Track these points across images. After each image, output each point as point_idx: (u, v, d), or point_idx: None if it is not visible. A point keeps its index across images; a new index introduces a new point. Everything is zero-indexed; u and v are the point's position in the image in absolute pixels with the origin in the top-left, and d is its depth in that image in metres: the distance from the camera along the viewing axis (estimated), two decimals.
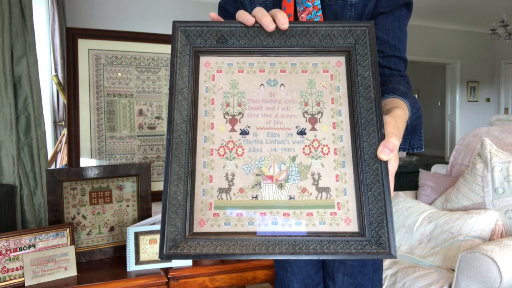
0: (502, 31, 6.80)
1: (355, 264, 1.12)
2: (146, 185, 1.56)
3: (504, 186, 1.80)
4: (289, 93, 0.70)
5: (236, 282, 1.46)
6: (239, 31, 0.69)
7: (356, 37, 0.70)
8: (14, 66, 1.68)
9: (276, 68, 0.71)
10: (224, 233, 0.61)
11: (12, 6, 1.65)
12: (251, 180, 0.65)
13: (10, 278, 1.27)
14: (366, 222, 0.62)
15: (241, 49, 0.70)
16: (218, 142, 0.66)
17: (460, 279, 1.48)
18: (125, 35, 1.98)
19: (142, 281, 1.33)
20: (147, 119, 1.95)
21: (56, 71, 3.40)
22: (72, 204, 1.46)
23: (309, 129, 0.68)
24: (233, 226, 0.62)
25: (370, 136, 0.66)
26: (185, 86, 0.67)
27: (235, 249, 0.60)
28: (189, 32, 0.69)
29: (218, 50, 0.70)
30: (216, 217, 0.62)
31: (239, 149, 0.66)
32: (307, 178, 0.66)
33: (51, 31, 3.45)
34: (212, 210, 0.62)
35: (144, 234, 1.39)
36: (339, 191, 0.65)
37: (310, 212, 0.64)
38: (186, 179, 0.62)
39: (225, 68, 0.70)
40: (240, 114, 0.68)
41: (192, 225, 0.61)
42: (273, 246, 0.60)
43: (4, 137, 1.63)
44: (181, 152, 0.63)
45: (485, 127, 2.33)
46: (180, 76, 0.67)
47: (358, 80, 0.69)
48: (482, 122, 8.27)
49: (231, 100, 0.69)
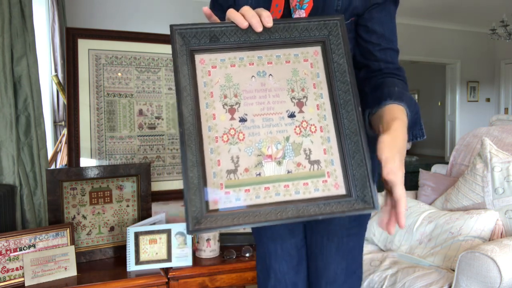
0: (502, 31, 6.80)
1: (338, 271, 1.09)
2: (146, 185, 1.56)
3: (504, 186, 1.80)
4: (277, 82, 0.80)
5: (236, 282, 1.46)
6: (229, 30, 0.78)
7: (330, 29, 0.82)
8: (14, 66, 1.68)
9: (263, 61, 0.81)
10: (237, 207, 0.71)
11: (12, 6, 1.65)
12: (253, 160, 0.75)
13: (10, 278, 1.27)
14: (352, 185, 0.75)
15: (231, 46, 0.79)
16: (221, 130, 0.75)
17: (460, 279, 1.48)
18: (125, 35, 1.98)
19: (142, 281, 1.33)
20: (147, 119, 1.95)
21: (56, 71, 3.39)
22: (72, 204, 1.46)
23: (298, 112, 0.80)
24: (243, 201, 0.72)
25: (349, 114, 0.78)
26: (187, 83, 0.74)
27: (249, 219, 0.70)
28: (184, 33, 0.76)
29: (210, 48, 0.78)
30: (228, 195, 0.72)
31: (240, 135, 0.76)
32: (300, 154, 0.77)
33: (51, 31, 3.45)
34: (224, 189, 0.72)
35: (144, 234, 1.39)
36: (327, 162, 0.78)
37: (305, 182, 0.76)
38: (198, 164, 0.71)
39: (218, 64, 0.79)
40: (237, 104, 0.77)
41: (208, 203, 0.70)
42: (280, 213, 0.71)
43: (4, 137, 1.63)
44: (192, 142, 0.71)
45: (485, 127, 2.33)
46: (182, 74, 0.74)
47: (334, 66, 0.81)
48: (482, 122, 8.26)
49: (228, 92, 0.78)
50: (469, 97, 8.66)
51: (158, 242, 1.40)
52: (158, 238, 1.39)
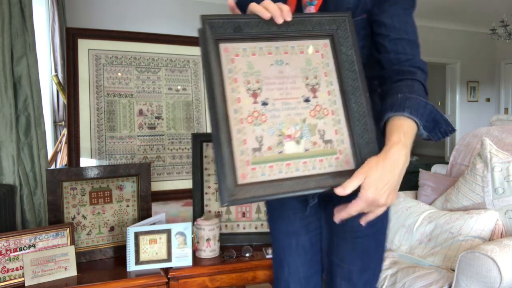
0: (502, 31, 6.80)
1: (353, 268, 1.10)
2: (146, 185, 1.56)
3: (504, 186, 1.80)
4: (293, 70, 0.89)
5: (236, 282, 1.46)
6: (253, 22, 0.86)
7: (338, 24, 0.92)
8: (14, 66, 1.68)
9: (280, 51, 0.89)
10: (262, 182, 0.80)
11: (12, 6, 1.65)
12: (275, 140, 0.84)
13: (10, 278, 1.27)
14: (360, 161, 0.84)
15: (252, 36, 0.87)
16: (246, 113, 0.83)
17: (460, 279, 1.48)
18: (125, 35, 1.98)
19: (142, 281, 1.33)
20: (147, 119, 1.95)
21: (56, 71, 3.39)
22: (72, 204, 1.46)
23: (312, 97, 0.89)
24: (268, 176, 0.81)
25: (357, 99, 0.89)
26: (216, 70, 0.82)
27: (276, 190, 0.79)
28: (212, 23, 0.84)
29: (233, 38, 0.86)
30: (253, 170, 0.81)
31: (263, 117, 0.84)
32: (315, 134, 0.87)
33: (51, 31, 3.45)
34: (250, 166, 0.81)
35: (144, 234, 1.39)
36: (338, 142, 0.88)
37: (321, 159, 0.86)
38: (228, 143, 0.78)
39: (241, 52, 0.87)
40: (259, 89, 0.86)
41: (237, 178, 0.78)
42: (301, 185, 0.81)
43: (4, 137, 1.63)
44: (222, 123, 0.79)
45: (485, 127, 2.33)
46: (212, 61, 0.82)
47: (342, 57, 0.92)
48: (482, 122, 8.26)
49: (250, 78, 0.85)
50: (469, 97, 8.66)
51: (158, 242, 1.40)
52: (158, 238, 1.39)
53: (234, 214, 1.65)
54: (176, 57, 2.03)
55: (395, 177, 0.80)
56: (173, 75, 2.02)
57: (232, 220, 1.64)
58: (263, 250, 1.54)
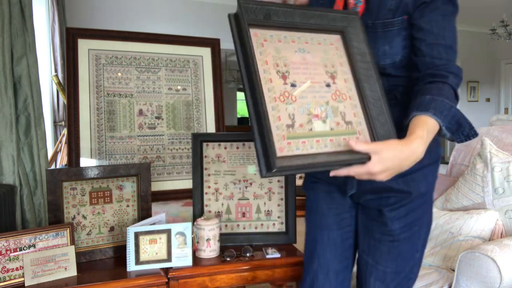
0: (502, 31, 6.80)
1: (387, 270, 1.12)
2: (146, 185, 1.56)
3: (504, 186, 1.80)
4: (314, 58, 0.98)
5: (236, 282, 1.46)
6: (281, 11, 0.94)
7: (348, 21, 1.03)
8: (14, 66, 1.68)
9: (302, 40, 0.98)
10: (298, 155, 0.88)
11: (12, 6, 1.65)
12: (305, 118, 0.91)
13: (10, 278, 1.27)
14: (377, 140, 0.95)
15: (278, 24, 0.95)
16: (278, 92, 0.89)
17: (460, 279, 1.48)
18: (125, 35, 1.98)
19: (142, 281, 1.33)
20: (147, 119, 1.95)
21: (56, 71, 3.39)
22: (72, 204, 1.46)
23: (332, 83, 0.98)
24: (301, 150, 0.89)
25: (371, 86, 1.00)
26: (251, 51, 0.87)
27: (313, 161, 0.88)
28: (248, 8, 0.90)
29: (262, 24, 0.94)
30: (289, 145, 0.87)
31: (292, 97, 0.91)
32: (338, 115, 0.95)
33: (51, 31, 3.45)
34: (286, 140, 0.87)
35: (144, 234, 1.39)
36: (357, 123, 0.98)
37: (344, 137, 0.95)
38: (266, 118, 0.83)
39: (269, 38, 0.94)
40: (287, 72, 0.92)
41: (275, 151, 0.84)
42: (334, 157, 0.90)
43: (4, 137, 1.63)
44: (259, 99, 0.84)
45: (485, 127, 2.33)
46: (247, 42, 0.86)
47: (354, 50, 1.02)
48: (482, 122, 8.25)
49: (279, 62, 0.92)
50: (469, 97, 8.66)
51: (158, 242, 1.40)
52: (158, 238, 1.39)
53: (234, 214, 1.65)
54: (176, 57, 2.03)
55: (404, 165, 0.88)
56: (173, 75, 2.02)
57: (232, 220, 1.64)
58: (263, 250, 1.54)
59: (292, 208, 1.63)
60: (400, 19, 1.03)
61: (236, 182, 1.64)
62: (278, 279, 1.51)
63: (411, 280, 1.15)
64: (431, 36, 1.01)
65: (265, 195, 1.65)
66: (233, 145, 1.64)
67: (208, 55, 2.09)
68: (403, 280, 1.13)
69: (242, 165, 1.64)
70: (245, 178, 1.64)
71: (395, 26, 1.03)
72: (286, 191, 1.63)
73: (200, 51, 2.08)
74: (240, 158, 1.64)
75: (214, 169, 1.64)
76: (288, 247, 1.60)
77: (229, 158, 1.64)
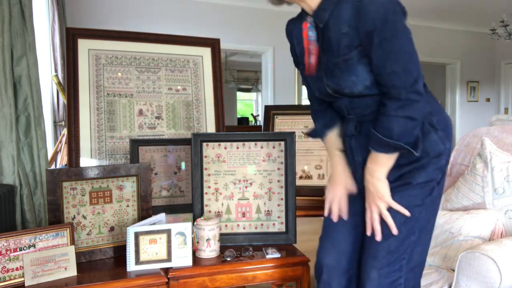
0: (502, 31, 6.79)
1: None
2: (146, 185, 1.56)
3: (504, 186, 1.80)
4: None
5: (236, 282, 1.46)
6: None
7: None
8: (14, 66, 1.68)
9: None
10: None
11: (12, 6, 1.65)
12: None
13: (10, 278, 1.27)
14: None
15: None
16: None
17: (460, 279, 1.48)
18: (125, 35, 1.98)
19: (142, 281, 1.33)
20: (147, 119, 1.95)
21: (56, 71, 3.39)
22: (72, 204, 1.46)
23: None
24: None
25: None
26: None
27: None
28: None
29: None
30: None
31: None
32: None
33: (51, 31, 3.44)
34: None
35: (144, 234, 1.39)
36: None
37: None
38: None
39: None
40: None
41: None
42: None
43: (4, 137, 1.63)
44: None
45: (485, 127, 2.33)
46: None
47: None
48: (482, 122, 8.25)
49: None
50: (469, 97, 8.65)
51: (158, 242, 1.40)
52: (158, 238, 1.39)
53: (234, 214, 1.65)
54: (176, 57, 2.03)
55: (377, 186, 1.19)
56: (173, 75, 2.02)
57: (232, 220, 1.64)
58: (263, 250, 1.54)
59: (292, 208, 1.63)
60: (356, 51, 1.13)
61: (236, 182, 1.64)
62: (278, 279, 1.51)
63: (405, 261, 1.20)
64: (374, 67, 1.12)
65: (265, 195, 1.65)
66: (233, 145, 1.64)
67: (208, 55, 2.09)
68: (396, 260, 1.18)
69: (242, 165, 1.64)
70: (245, 178, 1.64)
71: (354, 59, 1.14)
72: (286, 191, 1.64)
73: (200, 51, 2.08)
74: (240, 158, 1.64)
75: (214, 169, 1.64)
76: (288, 247, 1.60)
77: (229, 158, 1.64)
